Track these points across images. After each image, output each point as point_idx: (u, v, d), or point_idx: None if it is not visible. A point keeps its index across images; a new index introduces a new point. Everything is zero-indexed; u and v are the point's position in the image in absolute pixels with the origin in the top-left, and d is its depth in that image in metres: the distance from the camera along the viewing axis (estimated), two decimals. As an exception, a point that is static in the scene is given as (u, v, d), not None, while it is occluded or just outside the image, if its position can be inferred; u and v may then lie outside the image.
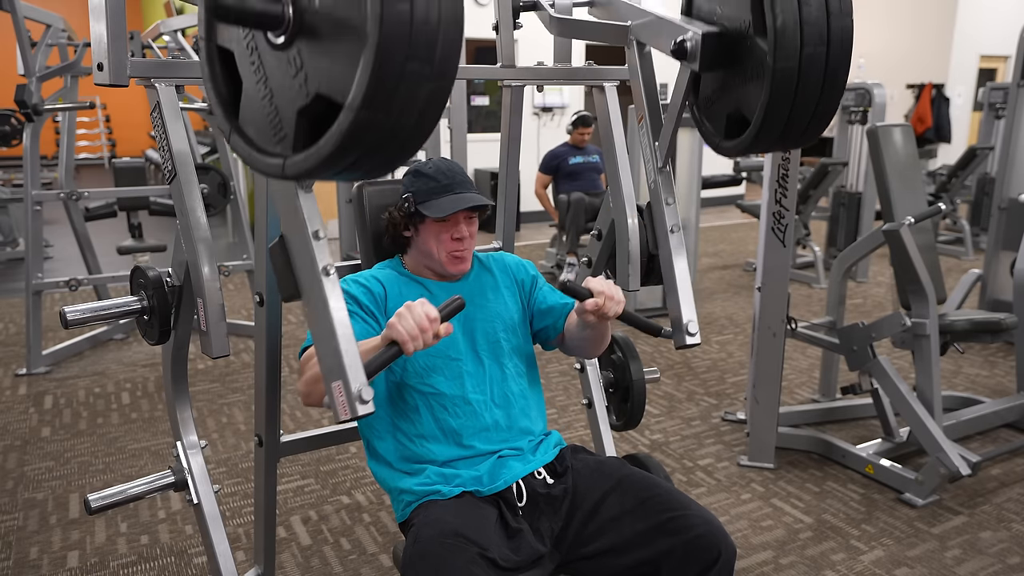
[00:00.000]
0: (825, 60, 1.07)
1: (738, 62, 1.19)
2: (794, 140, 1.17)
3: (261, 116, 0.90)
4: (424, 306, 1.20)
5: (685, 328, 1.44)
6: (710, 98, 1.35)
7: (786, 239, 2.66)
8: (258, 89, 0.90)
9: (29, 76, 3.60)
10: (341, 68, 0.77)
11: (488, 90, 8.06)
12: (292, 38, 0.82)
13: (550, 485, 1.52)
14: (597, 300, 1.43)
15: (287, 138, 0.86)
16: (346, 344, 1.02)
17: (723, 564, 1.39)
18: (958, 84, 10.51)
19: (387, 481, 1.56)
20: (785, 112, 1.11)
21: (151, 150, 10.17)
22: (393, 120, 0.76)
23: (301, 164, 0.82)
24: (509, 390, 1.59)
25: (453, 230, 1.57)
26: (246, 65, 0.91)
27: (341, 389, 1.02)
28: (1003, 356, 4.08)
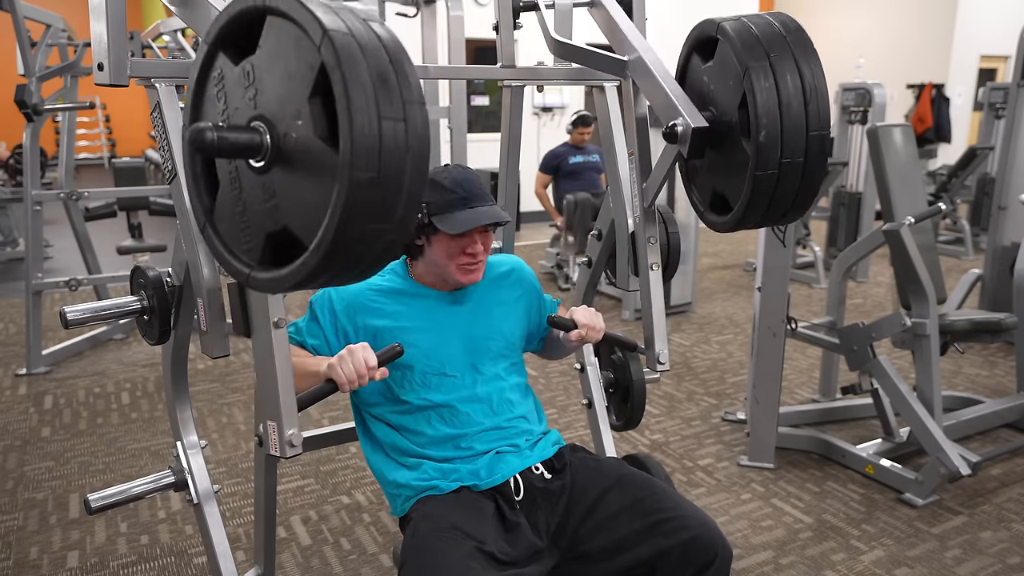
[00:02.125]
0: (803, 168, 1.18)
1: (724, 151, 1.27)
2: (777, 221, 1.29)
3: (234, 221, 0.94)
4: (365, 351, 1.30)
5: (657, 357, 1.57)
6: (698, 174, 1.42)
7: (786, 239, 2.65)
8: (234, 198, 0.93)
9: (29, 76, 3.60)
10: (310, 207, 0.81)
11: (488, 90, 8.06)
12: (269, 166, 0.85)
13: (547, 480, 1.52)
14: (581, 332, 1.58)
15: (254, 252, 0.91)
16: (285, 393, 1.14)
17: (719, 566, 1.39)
18: (958, 84, 10.51)
19: (384, 472, 1.56)
20: (764, 207, 1.22)
21: (151, 150, 10.17)
22: (351, 264, 0.83)
23: (264, 282, 0.88)
24: (507, 399, 1.59)
25: (468, 245, 1.52)
26: (225, 175, 0.94)
27: (275, 430, 1.14)
28: (1003, 356, 4.08)
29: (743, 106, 1.18)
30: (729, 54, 1.21)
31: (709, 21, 1.28)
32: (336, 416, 3.25)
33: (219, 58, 0.93)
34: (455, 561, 1.30)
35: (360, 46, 0.76)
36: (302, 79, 0.80)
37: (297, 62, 0.80)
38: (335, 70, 0.74)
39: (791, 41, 1.17)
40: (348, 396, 1.58)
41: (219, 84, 0.93)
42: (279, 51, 0.83)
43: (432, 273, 1.59)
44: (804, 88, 1.15)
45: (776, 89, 1.14)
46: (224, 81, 0.92)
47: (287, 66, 0.82)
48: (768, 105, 1.14)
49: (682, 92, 1.31)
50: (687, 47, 1.38)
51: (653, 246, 1.55)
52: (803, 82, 1.15)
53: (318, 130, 0.78)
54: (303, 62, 0.79)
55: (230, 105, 0.91)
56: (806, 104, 1.15)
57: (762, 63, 1.15)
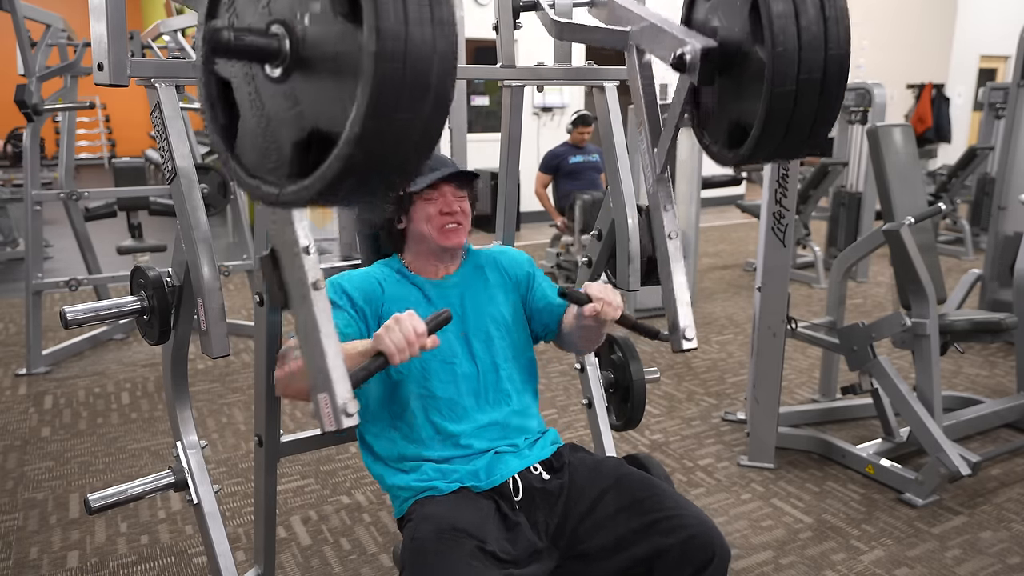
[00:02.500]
0: (821, 86, 1.11)
1: (737, 75, 1.21)
2: (793, 151, 1.19)
3: (257, 145, 0.91)
4: (412, 319, 1.24)
5: (682, 333, 1.45)
6: (710, 109, 1.36)
7: (786, 239, 2.65)
8: (255, 119, 0.90)
9: (29, 76, 3.60)
10: (336, 104, 0.77)
11: (488, 90, 8.06)
12: (289, 72, 0.83)
13: (546, 480, 1.53)
14: (595, 306, 1.47)
15: (282, 168, 0.86)
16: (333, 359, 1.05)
17: (717, 565, 1.39)
18: (958, 84, 10.52)
19: (384, 477, 1.56)
20: (781, 130, 1.14)
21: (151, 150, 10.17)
22: (386, 156, 0.77)
23: (295, 195, 0.83)
24: (504, 390, 1.59)
25: (442, 205, 1.58)
26: (244, 95, 0.91)
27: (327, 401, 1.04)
28: (1003, 356, 4.08)
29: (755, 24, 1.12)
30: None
31: None
32: (336, 416, 3.25)
33: None
34: (456, 561, 1.30)
35: None
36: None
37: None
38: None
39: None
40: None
41: (230, 8, 0.90)
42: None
43: (420, 253, 1.62)
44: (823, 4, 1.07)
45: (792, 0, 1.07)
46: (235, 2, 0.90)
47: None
48: (783, 14, 1.07)
49: (687, 28, 1.28)
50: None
51: (669, 214, 1.47)
52: None
53: (338, 7, 0.75)
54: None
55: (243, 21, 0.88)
56: (824, 19, 1.07)
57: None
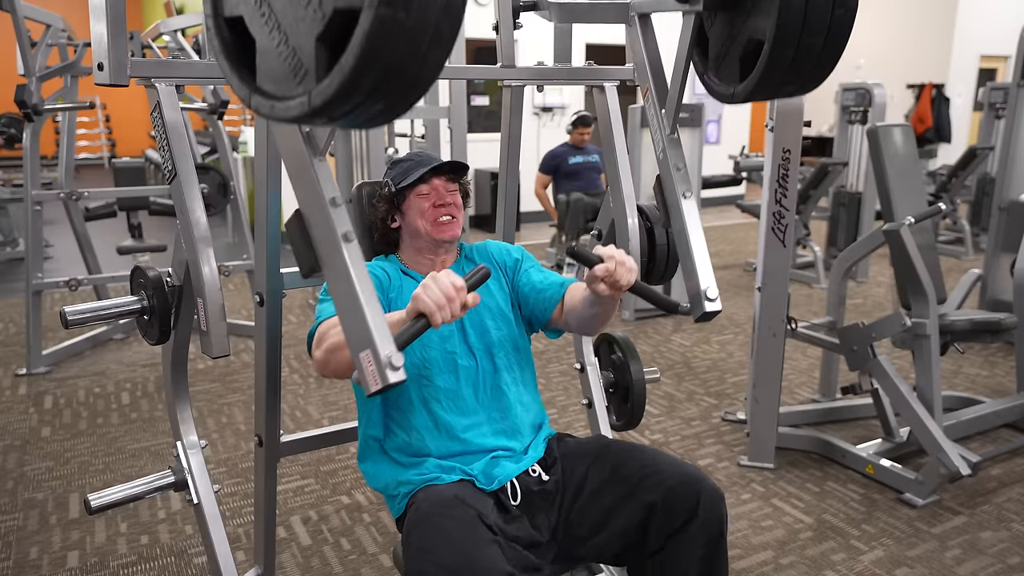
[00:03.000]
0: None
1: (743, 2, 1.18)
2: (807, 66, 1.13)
3: (279, 65, 0.89)
4: (450, 275, 1.16)
5: (704, 295, 1.35)
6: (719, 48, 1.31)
7: (786, 239, 2.65)
8: (272, 38, 0.89)
9: (29, 76, 3.60)
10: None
11: (488, 90, 8.06)
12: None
13: (544, 482, 1.53)
14: (608, 266, 1.32)
15: (308, 73, 0.84)
16: (372, 311, 0.99)
17: (706, 507, 1.38)
18: (958, 84, 10.51)
19: (385, 476, 1.56)
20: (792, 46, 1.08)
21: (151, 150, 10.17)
22: (412, 20, 0.75)
23: (326, 90, 0.80)
24: (502, 381, 1.59)
25: (434, 198, 1.60)
26: (256, 21, 0.90)
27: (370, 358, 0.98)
28: (1003, 356, 4.08)
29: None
30: None
31: None
32: (336, 416, 3.25)
33: None
34: (459, 525, 1.31)
35: None
36: None
37: None
38: None
39: None
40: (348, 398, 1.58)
41: None
42: None
43: (416, 249, 1.63)
44: None
45: None
46: None
47: None
48: None
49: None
50: None
51: (681, 174, 1.43)
52: None
53: None
54: None
55: None
56: None
57: None
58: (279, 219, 1.54)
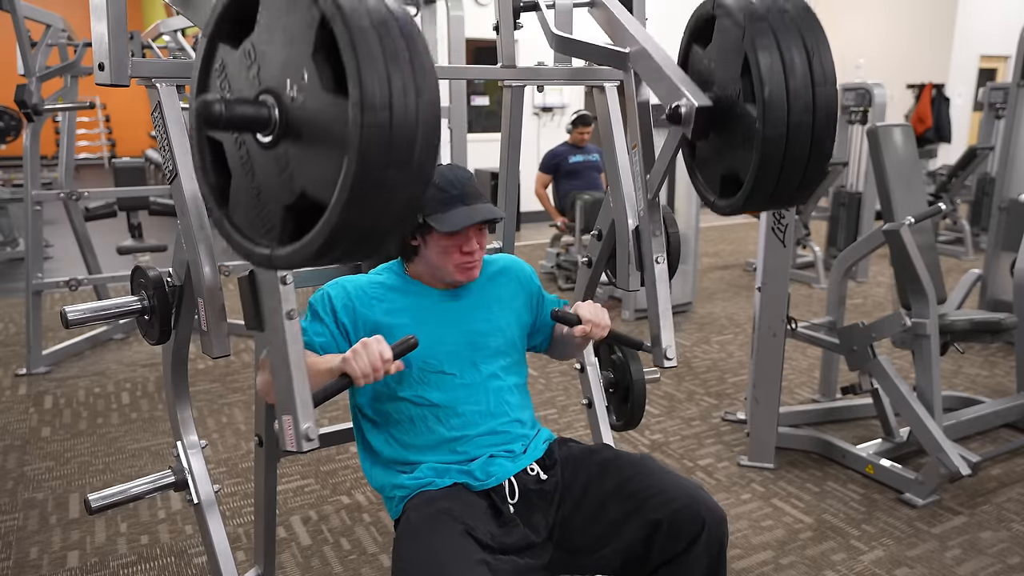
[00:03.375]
0: (811, 127, 1.15)
1: (730, 128, 1.25)
2: (784, 201, 1.25)
3: (250, 208, 0.93)
4: (380, 344, 1.28)
5: (664, 352, 1.57)
6: (704, 159, 1.40)
7: (786, 239, 2.65)
8: (247, 182, 0.92)
9: (29, 76, 3.59)
10: (325, 169, 0.80)
11: (488, 90, 8.06)
12: (278, 139, 0.85)
13: (543, 481, 1.53)
14: (585, 328, 1.54)
15: (274, 230, 0.89)
16: (299, 386, 1.12)
17: (710, 531, 1.39)
18: (958, 84, 10.51)
19: (380, 479, 1.56)
20: (774, 176, 1.18)
21: (151, 150, 10.17)
22: (372, 221, 0.81)
23: (287, 258, 0.87)
24: (505, 401, 1.59)
25: (463, 243, 1.52)
26: (235, 158, 0.94)
27: (290, 424, 1.12)
28: (1003, 356, 4.08)
29: (746, 75, 1.16)
30: (727, 25, 1.20)
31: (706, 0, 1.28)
32: (336, 416, 3.25)
33: (219, 49, 0.94)
34: (445, 539, 1.32)
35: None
36: (303, 39, 0.80)
37: (297, 24, 0.81)
38: (335, 17, 0.75)
39: (790, 5, 1.16)
40: (348, 398, 1.58)
41: (221, 74, 0.93)
42: (277, 21, 0.84)
43: (429, 272, 1.59)
44: (806, 45, 1.13)
45: (778, 47, 1.12)
46: (226, 69, 0.92)
47: (287, 32, 0.82)
48: (771, 62, 1.12)
49: (684, 75, 1.30)
50: (686, 36, 1.37)
51: (658, 239, 1.54)
52: (804, 40, 1.13)
53: (325, 83, 0.79)
54: (302, 23, 0.80)
55: (234, 89, 0.91)
56: (809, 60, 1.12)
57: (761, 24, 1.14)
58: None
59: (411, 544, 1.35)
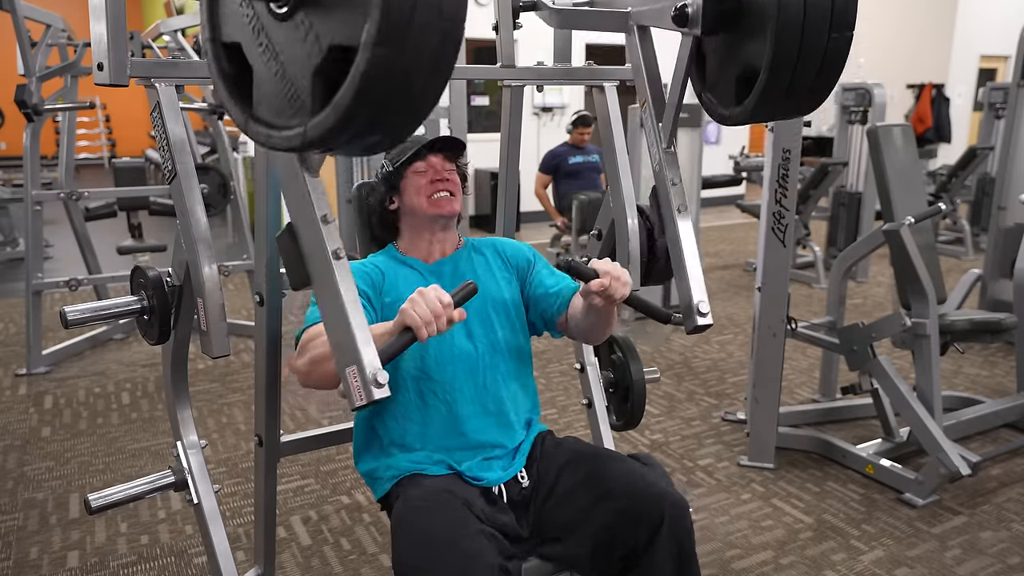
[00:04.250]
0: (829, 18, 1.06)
1: (740, 21, 1.19)
2: (803, 92, 1.13)
3: (276, 94, 0.90)
4: (437, 291, 1.18)
5: (696, 309, 1.38)
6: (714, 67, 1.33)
7: (786, 239, 2.65)
8: (269, 68, 0.90)
9: (29, 76, 3.60)
10: (350, 20, 0.77)
11: (488, 90, 8.06)
12: (296, 5, 0.83)
13: (526, 487, 1.55)
14: (603, 281, 1.35)
15: (304, 105, 0.85)
16: (359, 329, 1.02)
17: (671, 521, 1.39)
18: (958, 84, 10.52)
19: (372, 460, 1.57)
20: (788, 71, 1.09)
21: (151, 150, 10.17)
22: (408, 60, 0.76)
23: (322, 124, 0.81)
24: (499, 378, 1.59)
25: (431, 174, 1.58)
26: (254, 49, 0.91)
27: (356, 374, 1.01)
28: (1003, 356, 4.08)
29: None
30: None
31: None
32: (336, 416, 3.25)
33: None
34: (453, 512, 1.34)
35: None
36: None
37: None
38: None
39: None
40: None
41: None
42: None
43: (414, 230, 1.62)
44: None
45: None
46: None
47: None
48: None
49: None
50: None
51: (677, 188, 1.45)
52: None
53: None
54: None
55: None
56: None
57: None
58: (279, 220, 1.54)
59: (413, 518, 1.36)
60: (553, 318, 1.62)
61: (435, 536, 1.31)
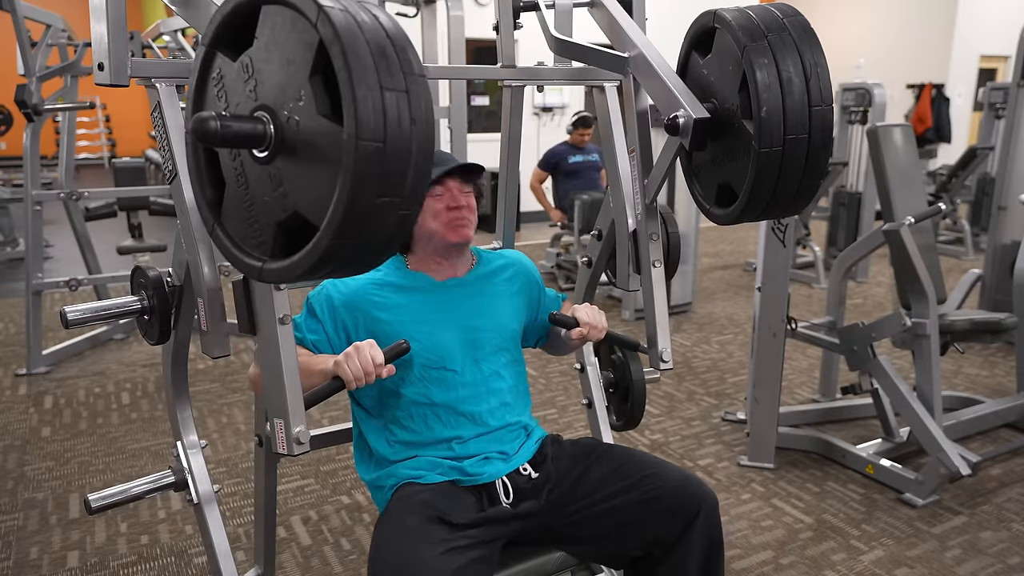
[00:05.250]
0: (807, 145, 1.16)
1: (727, 139, 1.25)
2: (780, 212, 1.26)
3: (242, 219, 0.93)
4: (372, 348, 1.29)
5: (660, 356, 1.56)
6: (700, 167, 1.41)
7: (786, 239, 2.65)
8: (240, 193, 0.93)
9: (29, 76, 3.60)
10: (318, 190, 0.80)
11: (488, 90, 8.06)
12: (274, 155, 0.85)
13: (534, 478, 1.55)
14: (582, 330, 1.55)
15: (265, 244, 0.90)
16: (292, 389, 1.13)
17: (705, 514, 1.44)
18: (958, 84, 10.51)
19: (373, 470, 1.57)
20: (769, 191, 1.20)
21: (151, 150, 10.17)
22: (363, 243, 0.82)
23: (277, 273, 0.88)
24: (505, 400, 1.59)
25: (448, 200, 1.57)
26: (230, 169, 0.94)
27: (282, 428, 1.13)
28: (1003, 356, 4.08)
29: (743, 90, 1.18)
30: (727, 40, 1.21)
31: (707, 12, 1.29)
32: (336, 416, 3.25)
33: (217, 58, 0.93)
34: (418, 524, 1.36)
35: (357, 22, 0.77)
36: (301, 61, 0.80)
37: (295, 45, 0.81)
38: (334, 43, 0.75)
39: (789, 24, 1.17)
40: (347, 397, 1.58)
41: (219, 83, 0.93)
42: (276, 39, 0.84)
43: (426, 252, 1.61)
44: (804, 64, 1.14)
45: (776, 65, 1.13)
46: (224, 79, 0.92)
47: (285, 52, 0.82)
48: (768, 81, 1.13)
49: (683, 85, 1.31)
50: (686, 44, 1.38)
51: (655, 243, 1.54)
52: (803, 59, 1.14)
53: (320, 108, 0.79)
54: (301, 44, 0.80)
55: (231, 101, 0.91)
56: (807, 79, 1.14)
57: (760, 43, 1.15)
58: None
59: (384, 527, 1.40)
60: (543, 341, 1.82)
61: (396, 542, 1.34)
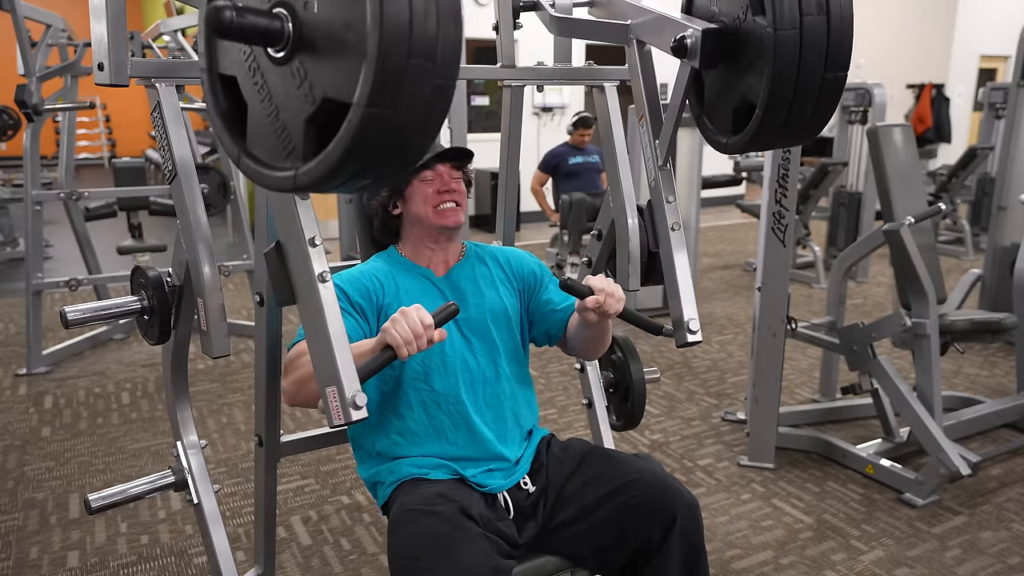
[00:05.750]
0: (827, 29, 1.07)
1: (738, 55, 1.20)
2: (799, 127, 1.15)
3: (268, 134, 0.90)
4: (419, 311, 1.21)
5: (686, 326, 1.42)
6: (712, 95, 1.35)
7: (786, 239, 2.65)
8: (263, 107, 0.90)
9: (29, 76, 3.59)
10: (345, 72, 0.77)
11: (488, 90, 8.06)
12: (293, 52, 0.83)
13: (532, 493, 1.55)
14: (598, 298, 1.40)
15: (296, 150, 0.86)
16: (341, 350, 1.05)
17: (684, 518, 1.43)
18: (958, 84, 10.51)
19: (374, 466, 1.57)
20: (790, 88, 1.10)
21: (151, 150, 10.17)
22: (400, 116, 0.77)
23: (312, 172, 0.82)
24: (501, 391, 1.59)
25: (438, 184, 1.57)
26: (249, 86, 0.91)
27: (335, 395, 1.05)
28: (1003, 356, 4.08)
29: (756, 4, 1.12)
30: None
31: None
32: (336, 416, 3.25)
33: None
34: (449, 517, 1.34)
35: None
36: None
37: None
38: None
39: None
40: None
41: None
42: None
43: (418, 238, 1.61)
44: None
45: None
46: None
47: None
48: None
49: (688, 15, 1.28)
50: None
51: (672, 206, 1.47)
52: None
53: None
54: None
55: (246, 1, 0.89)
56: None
57: None
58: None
59: (408, 523, 1.37)
60: (558, 334, 1.66)
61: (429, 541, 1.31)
